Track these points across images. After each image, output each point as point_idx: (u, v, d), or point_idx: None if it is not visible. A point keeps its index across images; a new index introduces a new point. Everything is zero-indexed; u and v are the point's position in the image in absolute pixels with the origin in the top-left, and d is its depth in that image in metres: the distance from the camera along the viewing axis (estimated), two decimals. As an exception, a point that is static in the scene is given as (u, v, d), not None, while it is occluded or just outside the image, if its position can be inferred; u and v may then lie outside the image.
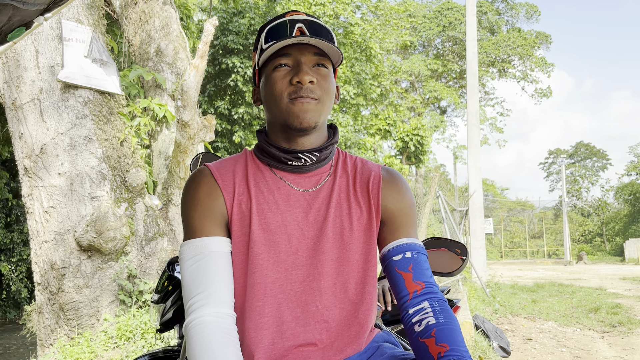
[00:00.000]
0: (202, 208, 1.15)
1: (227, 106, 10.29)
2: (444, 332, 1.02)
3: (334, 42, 1.15)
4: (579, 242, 33.31)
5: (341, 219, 1.18)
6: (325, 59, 1.15)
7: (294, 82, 1.11)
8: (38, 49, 4.31)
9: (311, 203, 1.18)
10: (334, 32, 1.23)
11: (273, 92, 1.14)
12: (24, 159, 4.27)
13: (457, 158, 31.42)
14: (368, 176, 1.23)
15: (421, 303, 1.10)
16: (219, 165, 1.21)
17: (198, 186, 1.17)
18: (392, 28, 18.12)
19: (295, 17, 1.14)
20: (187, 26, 8.14)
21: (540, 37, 27.70)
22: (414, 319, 1.09)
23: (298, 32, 1.11)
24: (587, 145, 39.98)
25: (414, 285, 1.12)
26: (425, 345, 1.03)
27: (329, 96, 1.15)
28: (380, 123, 15.80)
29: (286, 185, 1.18)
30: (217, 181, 1.17)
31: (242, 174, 1.19)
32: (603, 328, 6.62)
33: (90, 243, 4.13)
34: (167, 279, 1.90)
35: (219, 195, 1.16)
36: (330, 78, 1.16)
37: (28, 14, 1.26)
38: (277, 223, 1.15)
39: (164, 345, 3.89)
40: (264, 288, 1.13)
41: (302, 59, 1.12)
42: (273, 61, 1.14)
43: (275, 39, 1.12)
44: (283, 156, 1.17)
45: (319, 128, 1.18)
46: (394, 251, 1.17)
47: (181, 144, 4.62)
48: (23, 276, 8.35)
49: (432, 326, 1.04)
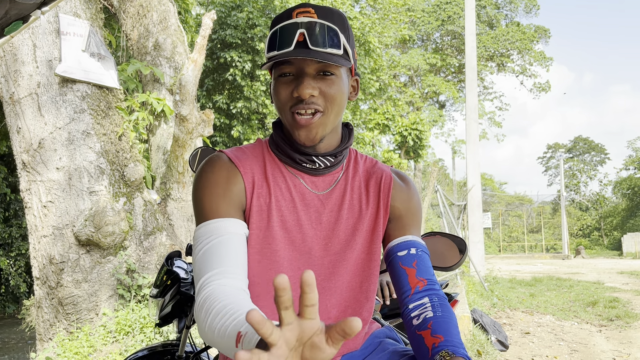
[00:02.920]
0: (221, 190, 1.10)
1: (225, 100, 10.27)
2: (440, 325, 1.04)
3: (340, 45, 1.08)
4: (577, 236, 33.39)
5: (352, 220, 1.20)
6: (330, 66, 1.09)
7: (294, 96, 1.08)
8: (35, 43, 4.29)
9: (325, 204, 1.18)
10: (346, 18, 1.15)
11: (277, 101, 1.12)
12: (22, 153, 4.26)
13: (456, 152, 31.42)
14: (380, 177, 1.24)
15: (422, 299, 1.11)
16: (236, 152, 1.17)
17: (217, 169, 1.13)
18: (390, 22, 18.06)
19: (299, 20, 1.07)
20: (185, 20, 8.11)
21: (539, 31, 27.64)
22: (413, 314, 1.10)
23: (301, 37, 1.05)
24: (586, 139, 40.00)
25: (416, 281, 1.13)
26: (421, 337, 1.04)
27: (335, 104, 1.10)
28: (379, 117, 15.78)
29: (302, 184, 1.18)
30: (238, 167, 1.13)
31: (260, 167, 1.17)
32: (601, 322, 6.65)
33: (89, 238, 4.12)
34: (166, 273, 1.90)
35: (239, 181, 1.12)
36: (338, 84, 1.10)
37: (25, 7, 1.25)
38: (294, 221, 1.15)
39: (163, 340, 3.90)
40: None
41: (304, 68, 1.08)
42: (277, 68, 1.11)
43: (274, 47, 1.07)
44: (298, 157, 1.15)
45: (329, 134, 1.16)
46: (399, 247, 1.18)
47: (179, 139, 4.61)
48: (22, 271, 8.36)
49: (429, 319, 1.06)
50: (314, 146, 1.14)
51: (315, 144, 1.12)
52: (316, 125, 1.09)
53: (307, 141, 1.10)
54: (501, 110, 31.42)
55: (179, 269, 1.90)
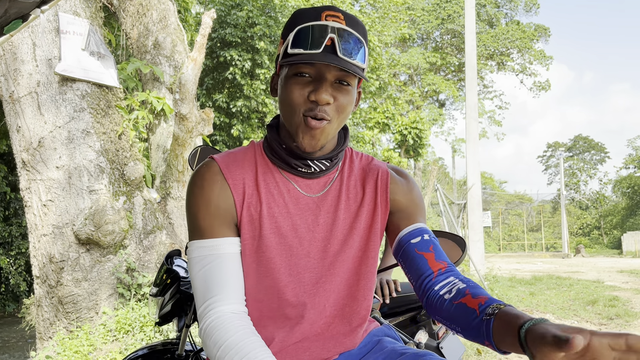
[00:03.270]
0: (212, 209, 1.11)
1: (225, 99, 10.27)
2: (478, 290, 1.01)
3: (365, 55, 1.09)
4: (577, 235, 33.41)
5: (349, 219, 1.19)
6: (349, 76, 1.08)
7: (311, 99, 1.06)
8: (35, 42, 4.29)
9: (320, 206, 1.18)
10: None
11: (289, 101, 1.08)
12: (21, 152, 4.26)
13: (456, 151, 31.40)
14: (376, 173, 1.23)
15: (448, 278, 1.09)
16: (227, 159, 1.17)
17: (207, 184, 1.13)
18: (390, 21, 18.04)
19: (329, 24, 1.04)
20: (185, 19, 8.10)
21: (539, 30, 27.62)
22: (442, 291, 1.07)
23: (329, 41, 1.03)
24: (586, 138, 39.99)
25: (437, 264, 1.11)
26: (462, 304, 1.00)
27: (342, 115, 1.10)
28: (379, 116, 15.78)
29: (295, 189, 1.17)
30: (227, 180, 1.13)
31: (251, 174, 1.16)
32: (600, 321, 6.65)
33: (89, 236, 4.13)
34: (166, 272, 1.90)
35: (229, 197, 1.13)
36: (351, 94, 1.10)
37: (24, 6, 1.25)
38: (288, 227, 1.15)
39: (163, 338, 3.91)
40: (277, 293, 1.14)
41: (325, 73, 1.06)
42: (295, 65, 1.07)
43: (302, 45, 1.04)
44: (293, 162, 1.15)
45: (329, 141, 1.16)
46: (411, 235, 1.17)
47: (179, 137, 4.61)
48: (22, 269, 8.35)
49: (464, 288, 1.03)
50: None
51: (315, 150, 1.11)
52: (320, 132, 1.08)
53: (309, 147, 1.10)
54: (501, 109, 31.43)
55: (178, 268, 1.91)
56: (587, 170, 38.80)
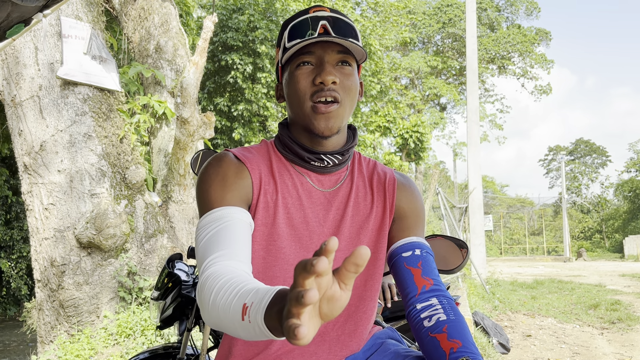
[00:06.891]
0: (228, 182, 1.10)
1: (226, 103, 10.27)
2: (455, 329, 1.02)
3: (359, 40, 1.13)
4: (579, 238, 33.35)
5: (358, 218, 1.20)
6: (349, 57, 1.13)
7: (317, 83, 1.09)
8: (37, 46, 4.30)
9: (331, 201, 1.19)
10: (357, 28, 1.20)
11: (296, 91, 1.12)
12: (23, 156, 4.27)
13: (457, 155, 31.39)
14: (384, 177, 1.25)
15: (430, 299, 1.09)
16: (243, 151, 1.18)
17: (224, 164, 1.12)
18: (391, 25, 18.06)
19: (318, 14, 1.12)
20: (187, 23, 8.12)
21: (540, 33, 27.66)
22: (422, 314, 1.08)
23: (322, 29, 1.10)
24: (587, 142, 39.99)
25: (422, 281, 1.12)
26: (436, 341, 1.01)
27: (350, 96, 1.14)
28: (380, 120, 15.78)
29: (308, 182, 1.19)
30: (246, 164, 1.13)
31: (267, 165, 1.18)
32: (602, 324, 6.63)
33: (90, 240, 4.13)
34: (167, 276, 1.91)
35: (246, 176, 1.12)
36: (354, 76, 1.14)
37: (27, 10, 1.25)
38: (300, 219, 1.16)
39: (164, 342, 3.90)
40: (284, 283, 1.13)
41: (325, 57, 1.11)
42: (296, 59, 1.12)
43: (298, 37, 1.10)
44: (307, 156, 1.16)
45: (341, 131, 1.18)
46: (403, 248, 1.18)
47: (181, 141, 4.62)
48: (23, 273, 8.36)
49: (444, 322, 1.04)
50: (324, 142, 1.15)
51: (332, 134, 1.13)
52: (334, 115, 1.11)
53: (326, 130, 1.11)
54: (502, 113, 31.45)
55: (180, 272, 1.91)
56: (588, 174, 38.78)
